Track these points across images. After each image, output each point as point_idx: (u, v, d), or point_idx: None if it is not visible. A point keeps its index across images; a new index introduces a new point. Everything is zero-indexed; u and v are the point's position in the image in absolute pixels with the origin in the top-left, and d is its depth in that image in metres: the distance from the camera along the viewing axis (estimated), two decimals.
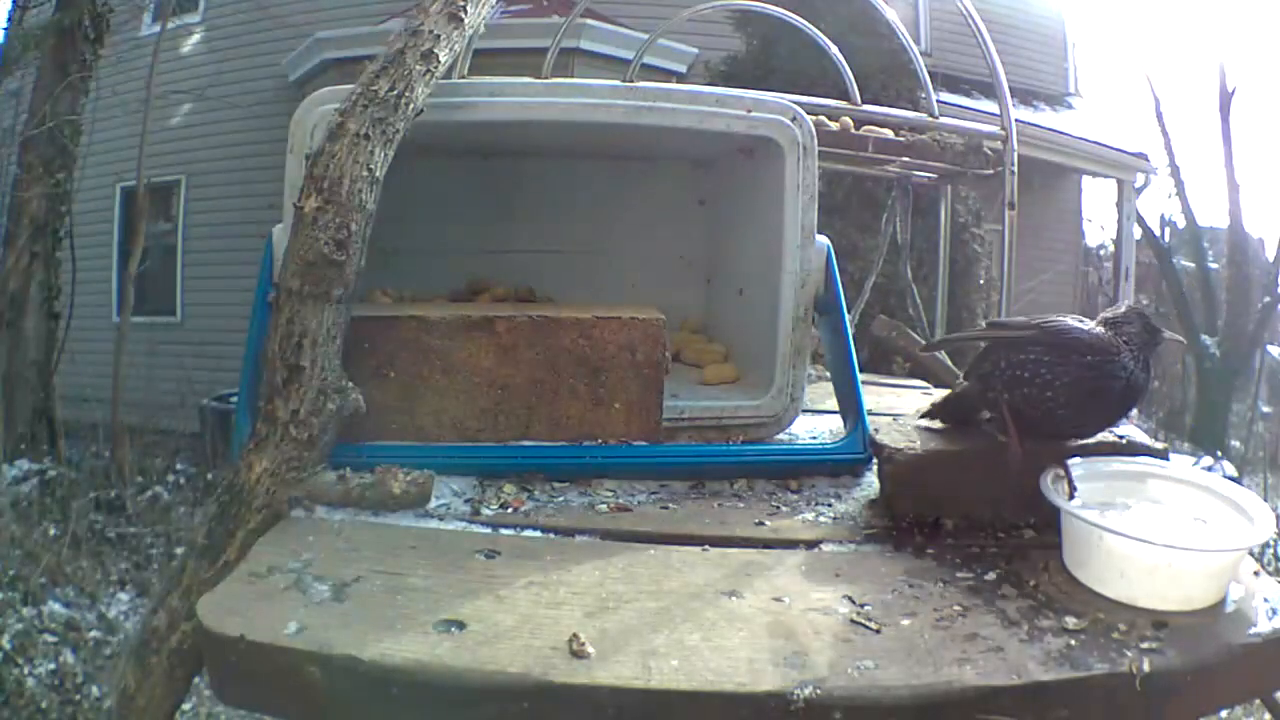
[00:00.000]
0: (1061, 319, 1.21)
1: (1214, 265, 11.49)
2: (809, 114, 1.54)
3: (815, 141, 1.51)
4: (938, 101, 2.87)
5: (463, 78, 2.11)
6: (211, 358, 8.17)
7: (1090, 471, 1.16)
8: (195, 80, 8.47)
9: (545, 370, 1.39)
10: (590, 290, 1.88)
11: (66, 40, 6.35)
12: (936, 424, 1.33)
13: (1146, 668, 0.89)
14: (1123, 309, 1.24)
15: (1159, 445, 1.28)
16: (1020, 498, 1.19)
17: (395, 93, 1.26)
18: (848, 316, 1.54)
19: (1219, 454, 8.43)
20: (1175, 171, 11.50)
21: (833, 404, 1.57)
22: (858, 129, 2.68)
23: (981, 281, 6.52)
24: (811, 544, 1.18)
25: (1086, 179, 10.24)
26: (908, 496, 1.23)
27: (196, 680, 1.14)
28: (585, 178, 1.94)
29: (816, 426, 1.63)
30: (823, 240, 1.53)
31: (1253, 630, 0.97)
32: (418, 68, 1.29)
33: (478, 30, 1.43)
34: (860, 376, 1.48)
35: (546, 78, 2.55)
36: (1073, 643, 0.93)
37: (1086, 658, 0.90)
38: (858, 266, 3.60)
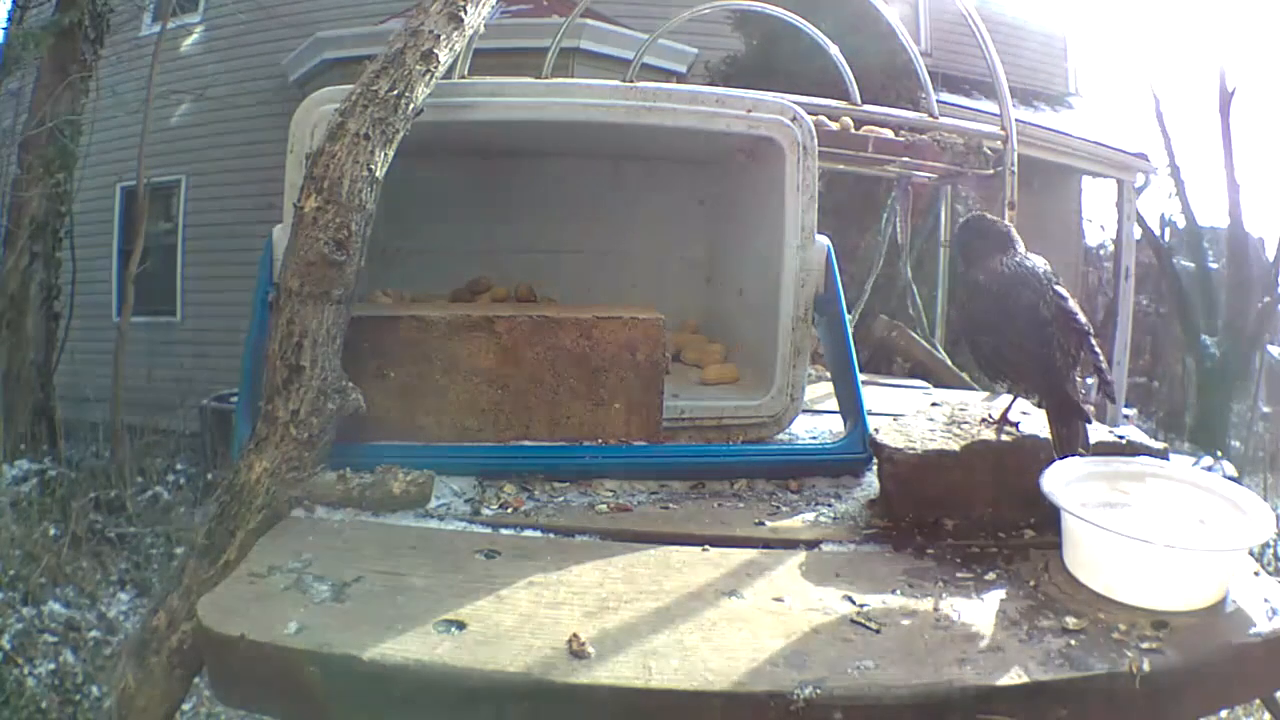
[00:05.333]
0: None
1: (1214, 265, 11.48)
2: (809, 114, 1.54)
3: (815, 141, 1.51)
4: (938, 101, 2.87)
5: (463, 78, 2.11)
6: (211, 358, 8.18)
7: (1090, 471, 1.16)
8: (195, 80, 8.48)
9: (545, 370, 1.39)
10: (590, 290, 1.88)
11: (66, 40, 6.35)
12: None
13: (1146, 668, 0.89)
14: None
15: (1159, 445, 1.28)
16: (1020, 497, 1.19)
17: (395, 93, 1.26)
18: (847, 316, 1.54)
19: (1219, 454, 8.42)
20: (1175, 171, 11.50)
21: (833, 404, 1.57)
22: (858, 129, 2.68)
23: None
24: (811, 544, 1.18)
25: (1086, 179, 10.23)
26: (908, 496, 1.23)
27: (196, 680, 1.14)
28: (585, 178, 1.94)
29: (816, 426, 1.63)
30: (823, 240, 1.53)
31: (1253, 630, 0.97)
32: (418, 68, 1.29)
33: (478, 30, 1.43)
34: (860, 376, 1.48)
35: (546, 78, 2.55)
36: (1073, 643, 0.93)
37: (1086, 658, 0.90)
38: (858, 266, 3.60)
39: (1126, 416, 7.67)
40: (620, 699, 0.85)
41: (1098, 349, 1.24)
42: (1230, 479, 1.58)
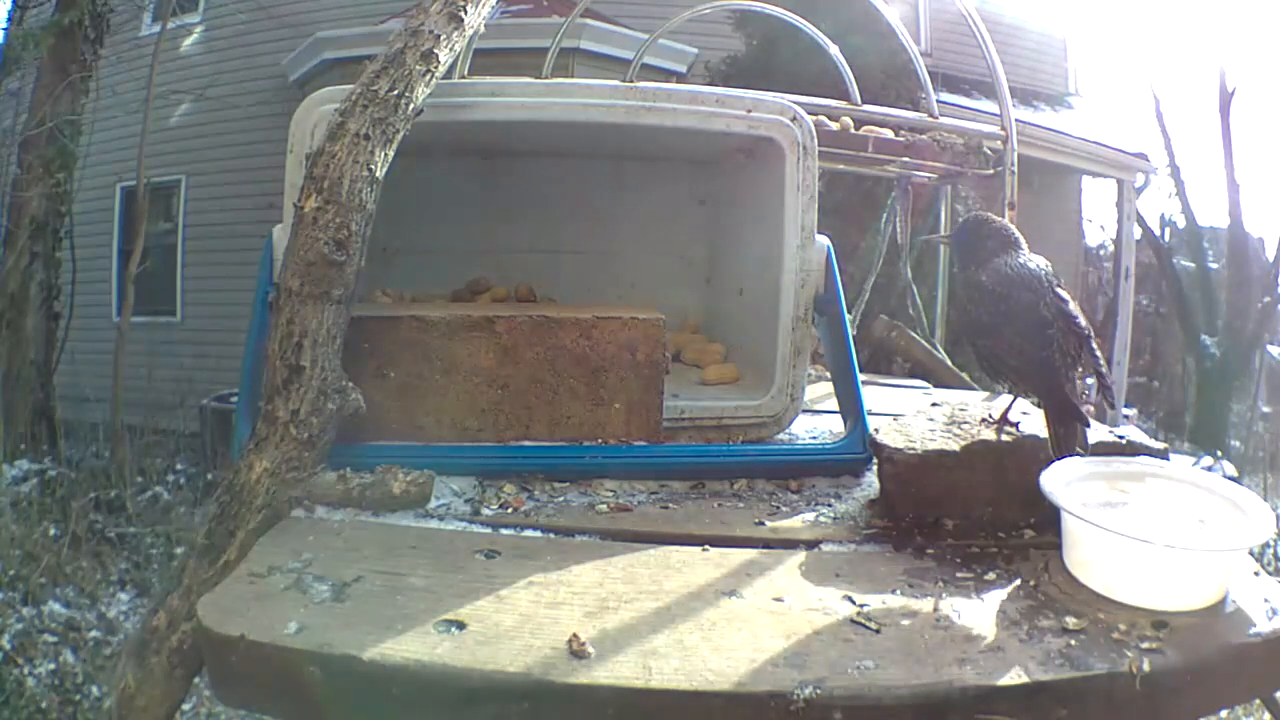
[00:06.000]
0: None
1: (1214, 265, 11.49)
2: (809, 114, 1.54)
3: (815, 141, 1.51)
4: (938, 101, 2.87)
5: (463, 78, 2.11)
6: (211, 358, 8.17)
7: (1090, 471, 1.16)
8: (195, 80, 8.47)
9: (545, 370, 1.39)
10: (590, 290, 1.89)
11: (66, 40, 6.35)
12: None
13: (1146, 668, 0.89)
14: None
15: (1159, 445, 1.28)
16: (1020, 497, 1.19)
17: (395, 93, 1.26)
18: (848, 317, 1.54)
19: (1219, 454, 8.42)
20: (1175, 171, 11.52)
21: (833, 404, 1.57)
22: (858, 129, 2.67)
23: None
24: (811, 544, 1.18)
25: (1086, 179, 10.23)
26: (908, 496, 1.23)
27: (196, 680, 1.14)
28: (585, 178, 1.94)
29: (816, 426, 1.63)
30: (823, 240, 1.53)
31: (1253, 630, 0.97)
32: (418, 68, 1.29)
33: (478, 30, 1.43)
34: (860, 376, 1.48)
35: (546, 78, 2.55)
36: (1073, 643, 0.93)
37: (1086, 658, 0.90)
38: (858, 266, 3.60)
39: (1126, 416, 7.67)
40: (620, 699, 0.85)
41: (1098, 352, 1.24)
42: (1230, 479, 1.58)
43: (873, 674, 0.87)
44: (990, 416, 1.30)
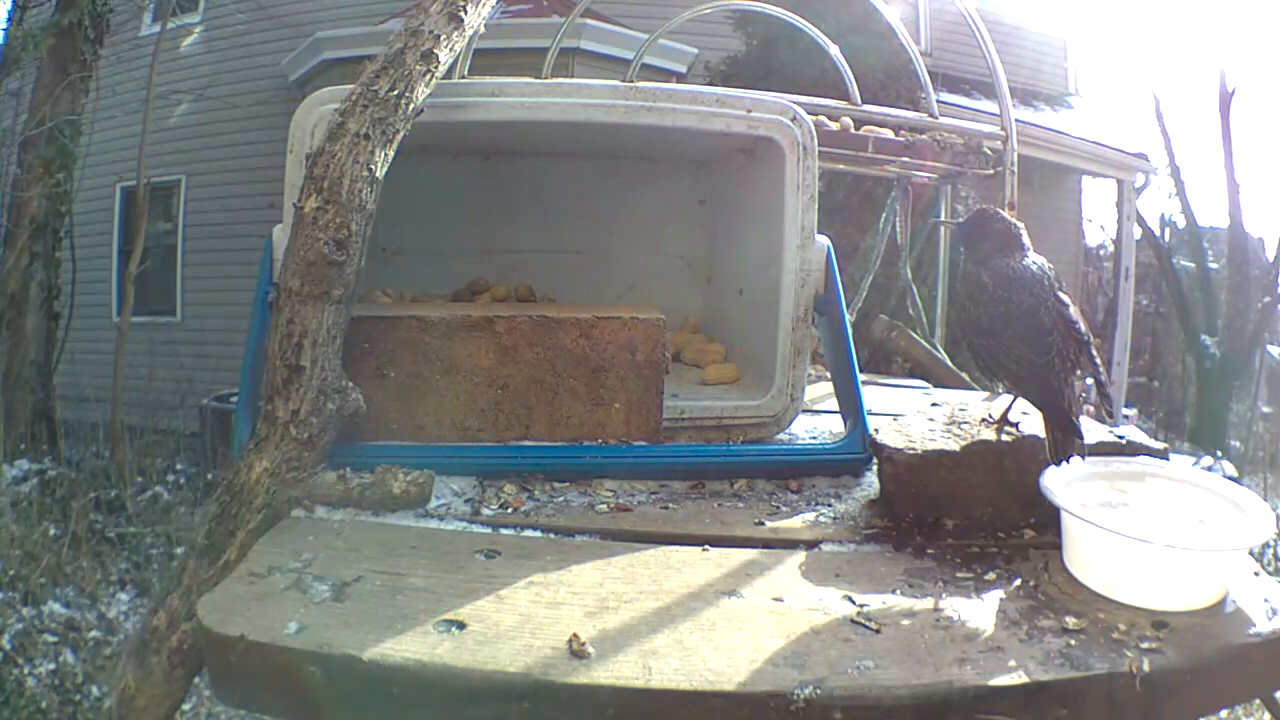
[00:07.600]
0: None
1: (1214, 265, 11.50)
2: (809, 114, 1.54)
3: (815, 141, 1.51)
4: (938, 101, 2.87)
5: (463, 78, 2.11)
6: (211, 358, 8.18)
7: (1090, 471, 1.16)
8: (195, 80, 8.48)
9: (545, 370, 1.39)
10: (590, 290, 1.89)
11: (66, 40, 6.36)
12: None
13: (1146, 668, 0.89)
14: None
15: (1159, 445, 1.28)
16: (1020, 497, 1.19)
17: (395, 93, 1.26)
18: (847, 316, 1.54)
19: (1219, 454, 8.42)
20: (1175, 171, 11.53)
21: (833, 404, 1.57)
22: (858, 129, 2.67)
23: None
24: (811, 544, 1.18)
25: (1086, 179, 10.24)
26: (908, 496, 1.23)
27: (196, 680, 1.14)
28: (585, 178, 1.94)
29: (816, 426, 1.63)
30: (823, 240, 1.53)
31: (1253, 630, 0.97)
32: (418, 68, 1.29)
33: (478, 30, 1.43)
34: (860, 376, 1.48)
35: (546, 78, 2.55)
36: (1073, 643, 0.93)
37: (1086, 658, 0.90)
38: (858, 266, 3.60)
39: (1126, 416, 7.67)
40: (620, 699, 0.85)
41: (1097, 359, 1.23)
42: (1230, 479, 1.58)
43: (873, 674, 0.87)
44: (990, 416, 1.30)
